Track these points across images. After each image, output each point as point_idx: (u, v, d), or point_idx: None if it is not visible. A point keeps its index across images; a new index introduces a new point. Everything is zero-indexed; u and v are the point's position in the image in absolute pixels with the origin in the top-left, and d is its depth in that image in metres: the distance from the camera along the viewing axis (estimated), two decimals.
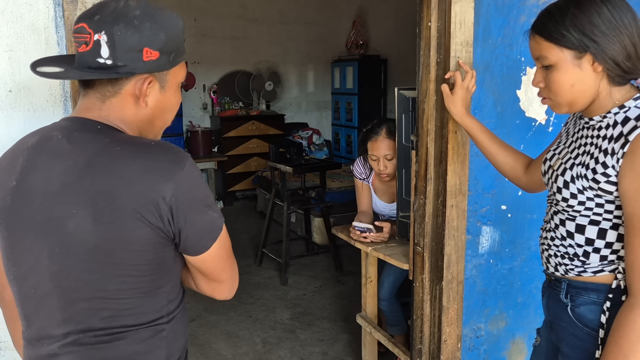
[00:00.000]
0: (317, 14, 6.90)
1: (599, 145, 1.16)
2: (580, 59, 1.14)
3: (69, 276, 0.96)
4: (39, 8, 1.37)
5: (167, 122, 1.10)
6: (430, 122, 1.88)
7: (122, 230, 0.92)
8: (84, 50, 0.95)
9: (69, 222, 0.93)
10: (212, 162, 5.96)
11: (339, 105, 6.91)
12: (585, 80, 1.15)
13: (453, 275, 1.95)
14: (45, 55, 1.39)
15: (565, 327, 1.31)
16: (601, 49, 1.11)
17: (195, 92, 6.35)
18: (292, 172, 4.02)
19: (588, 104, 1.19)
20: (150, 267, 0.97)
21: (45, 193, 0.95)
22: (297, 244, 4.77)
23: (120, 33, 0.93)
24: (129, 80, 0.98)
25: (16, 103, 1.39)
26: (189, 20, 5.98)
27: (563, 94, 1.18)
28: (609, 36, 1.10)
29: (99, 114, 0.99)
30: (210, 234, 1.00)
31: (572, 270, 1.27)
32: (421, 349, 2.07)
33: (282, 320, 3.44)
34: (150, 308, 1.01)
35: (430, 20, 1.83)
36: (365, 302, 2.66)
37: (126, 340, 0.99)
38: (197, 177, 0.97)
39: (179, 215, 0.94)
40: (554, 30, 1.14)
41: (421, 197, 1.96)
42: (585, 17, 1.11)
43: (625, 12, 1.11)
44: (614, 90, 1.16)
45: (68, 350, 1.00)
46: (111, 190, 0.91)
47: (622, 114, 1.14)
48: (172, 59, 1.01)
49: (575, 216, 1.23)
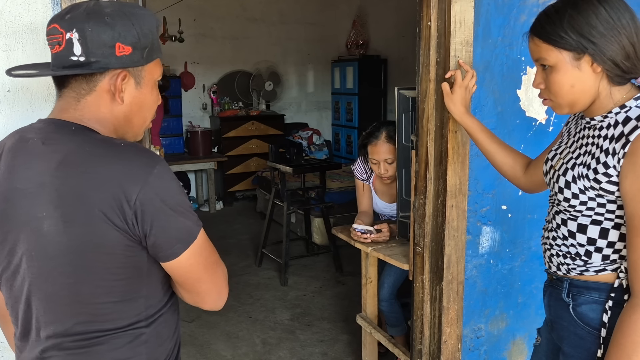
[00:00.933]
0: (317, 14, 6.89)
1: (600, 145, 1.16)
2: (579, 60, 1.14)
3: (46, 280, 0.96)
4: (37, 8, 1.37)
5: (146, 120, 1.09)
6: (430, 122, 1.88)
7: (91, 233, 0.91)
8: (58, 50, 0.96)
9: (43, 224, 0.93)
10: (211, 162, 5.95)
11: (339, 106, 6.91)
12: (585, 81, 1.15)
13: (453, 276, 1.94)
14: (43, 55, 1.39)
15: (566, 326, 1.30)
16: (599, 50, 1.11)
17: (195, 92, 6.35)
18: (292, 172, 4.01)
19: (589, 104, 1.20)
20: (125, 270, 0.96)
21: (24, 194, 0.95)
22: (297, 245, 4.77)
23: (92, 29, 0.93)
24: (103, 77, 0.98)
25: (14, 102, 1.39)
26: (189, 20, 5.97)
27: (563, 94, 1.19)
28: (606, 37, 1.10)
29: (74, 114, 0.99)
30: (180, 241, 0.97)
31: (574, 270, 1.26)
32: (421, 350, 2.07)
33: (282, 320, 3.43)
34: (128, 313, 0.99)
35: (430, 19, 1.83)
36: (365, 302, 2.66)
37: (105, 346, 0.99)
38: (168, 181, 0.94)
39: (144, 220, 0.92)
40: (552, 32, 1.15)
41: (421, 197, 1.96)
42: (583, 19, 1.11)
43: (623, 12, 1.11)
44: (614, 90, 1.16)
45: (49, 355, 1.00)
46: (81, 191, 0.90)
47: (623, 113, 1.14)
48: (145, 55, 1.01)
49: (577, 216, 1.23)
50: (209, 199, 6.12)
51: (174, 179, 0.96)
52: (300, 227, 4.84)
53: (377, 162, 2.53)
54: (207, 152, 6.00)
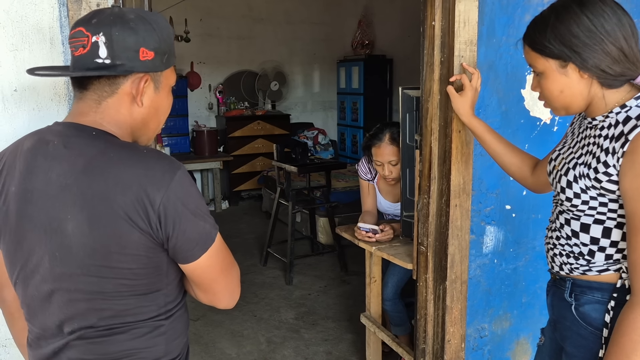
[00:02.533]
0: (322, 13, 6.90)
1: (601, 144, 1.16)
2: (565, 67, 1.16)
3: (69, 278, 0.98)
4: (44, 8, 1.38)
5: (160, 124, 1.13)
6: (434, 122, 1.88)
7: (116, 235, 0.94)
8: (81, 53, 0.98)
9: (67, 225, 0.95)
10: (217, 161, 5.97)
11: (344, 105, 6.91)
12: (573, 87, 1.17)
13: (457, 275, 1.94)
14: (50, 55, 1.40)
15: (569, 326, 1.31)
16: (582, 59, 1.13)
17: (201, 92, 6.37)
18: (297, 171, 4.02)
19: (584, 107, 1.21)
20: (146, 270, 0.99)
21: (45, 195, 0.97)
22: (302, 244, 4.77)
23: (118, 34, 0.97)
24: (126, 80, 1.01)
25: (21, 102, 1.40)
26: (195, 20, 5.99)
27: (554, 99, 1.22)
28: (589, 45, 1.11)
29: (94, 117, 1.01)
30: (199, 244, 1.00)
31: (577, 269, 1.27)
32: (425, 349, 2.07)
33: (287, 319, 3.44)
34: (149, 308, 1.03)
35: (434, 19, 1.83)
36: (369, 302, 2.66)
37: (126, 335, 1.02)
38: (188, 186, 0.98)
39: (167, 223, 0.95)
40: (538, 42, 1.18)
41: (425, 196, 1.96)
42: (565, 28, 1.13)
43: (607, 18, 1.11)
44: (607, 93, 1.17)
45: (71, 345, 1.03)
46: (107, 195, 0.93)
47: (623, 113, 1.14)
48: (165, 60, 1.05)
49: (580, 215, 1.23)
50: (215, 198, 6.14)
51: (193, 184, 1.00)
52: (306, 226, 4.84)
53: (381, 164, 2.53)
54: (213, 152, 6.02)
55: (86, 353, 1.02)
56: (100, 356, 1.02)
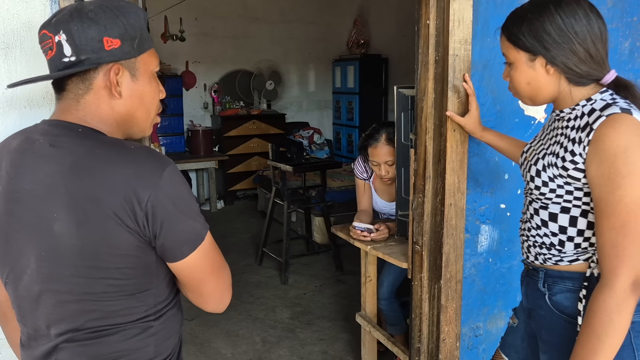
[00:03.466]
0: (318, 13, 6.89)
1: (568, 135, 1.22)
2: (533, 61, 1.23)
3: (58, 279, 0.97)
4: (35, 5, 1.37)
5: (150, 113, 1.08)
6: (428, 121, 1.88)
7: (104, 234, 0.92)
8: (51, 55, 0.97)
9: (55, 225, 0.94)
10: (212, 161, 5.96)
11: (340, 105, 6.91)
12: (539, 80, 1.25)
13: (452, 274, 1.94)
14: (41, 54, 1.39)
15: (544, 315, 1.35)
16: (551, 55, 1.20)
17: (196, 91, 6.35)
18: (293, 171, 4.02)
19: (549, 99, 1.29)
20: (136, 270, 0.98)
21: (33, 195, 0.95)
22: (297, 243, 4.77)
23: (77, 27, 0.94)
24: (97, 73, 0.98)
25: (12, 100, 1.39)
26: (190, 19, 5.98)
27: (521, 90, 1.30)
28: (559, 44, 1.18)
29: (76, 114, 0.99)
30: (188, 243, 0.99)
31: (550, 260, 1.32)
32: (420, 348, 2.07)
33: (282, 319, 3.44)
34: (138, 308, 1.01)
35: (428, 18, 1.82)
36: (365, 301, 2.66)
37: (115, 337, 1.00)
38: (178, 184, 0.96)
39: (155, 222, 0.93)
40: (513, 33, 1.25)
41: (420, 195, 1.96)
42: (539, 24, 1.20)
43: (578, 20, 1.17)
44: (574, 89, 1.24)
45: (61, 347, 1.01)
46: (95, 195, 0.91)
47: (588, 105, 1.21)
48: (136, 46, 1.00)
49: (548, 204, 1.29)
50: (210, 197, 6.13)
51: (183, 182, 0.98)
52: (301, 225, 4.84)
53: (378, 164, 2.53)
54: (208, 151, 6.00)
55: (76, 355, 1.01)
56: (90, 359, 1.01)
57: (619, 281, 1.10)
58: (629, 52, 2.09)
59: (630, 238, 1.10)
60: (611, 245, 1.12)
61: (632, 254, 1.10)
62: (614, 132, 1.12)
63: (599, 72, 1.21)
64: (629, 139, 1.10)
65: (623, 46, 2.08)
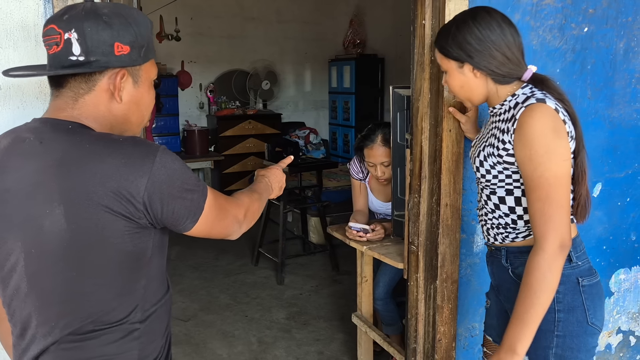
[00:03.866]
0: (314, 12, 6.88)
1: (500, 127, 1.42)
2: (462, 67, 1.43)
3: (45, 277, 0.96)
4: (29, 5, 1.36)
5: (143, 119, 1.11)
6: (424, 121, 1.88)
7: (98, 226, 0.92)
8: (55, 51, 0.96)
9: (44, 222, 0.93)
10: (208, 161, 5.95)
11: (336, 105, 6.90)
12: (470, 83, 1.44)
13: (447, 274, 1.94)
14: (35, 52, 1.38)
15: (509, 287, 1.51)
16: (475, 61, 1.39)
17: (192, 91, 6.34)
18: (289, 171, 4.01)
19: (482, 99, 1.47)
20: (127, 261, 0.98)
21: (21, 193, 0.95)
22: (293, 244, 4.76)
23: (91, 29, 0.94)
24: (103, 76, 0.99)
25: (5, 100, 1.38)
26: (186, 19, 5.96)
27: (457, 93, 1.50)
28: (480, 51, 1.38)
29: (70, 113, 0.99)
30: (189, 217, 1.02)
31: (507, 238, 1.49)
32: (416, 348, 2.06)
33: (278, 319, 3.43)
34: (126, 305, 1.00)
35: (424, 18, 1.82)
36: (361, 301, 2.66)
37: (96, 341, 0.99)
38: (171, 165, 0.97)
39: (154, 207, 0.95)
40: (442, 46, 1.45)
41: (416, 195, 1.96)
42: (461, 36, 1.39)
43: (493, 30, 1.37)
44: (500, 88, 1.43)
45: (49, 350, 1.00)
46: (85, 187, 0.91)
47: (513, 100, 1.40)
48: (143, 54, 1.02)
49: (495, 189, 1.47)
50: None
51: (176, 160, 0.99)
52: (297, 226, 4.83)
53: (374, 165, 2.52)
54: (204, 151, 5.99)
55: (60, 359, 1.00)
56: None
57: (549, 244, 1.28)
58: (623, 52, 2.10)
59: (554, 206, 1.28)
60: (539, 214, 1.30)
61: (557, 219, 1.28)
62: (531, 119, 1.31)
63: (517, 71, 1.40)
64: (543, 124, 1.30)
65: (618, 46, 2.08)
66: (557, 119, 1.31)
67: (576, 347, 1.40)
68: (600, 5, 2.01)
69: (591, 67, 2.04)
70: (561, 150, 1.30)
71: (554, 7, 1.93)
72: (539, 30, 1.92)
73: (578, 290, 1.41)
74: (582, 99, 2.05)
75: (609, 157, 2.15)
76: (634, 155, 2.20)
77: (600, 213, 2.19)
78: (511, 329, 1.33)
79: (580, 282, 1.41)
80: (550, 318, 1.38)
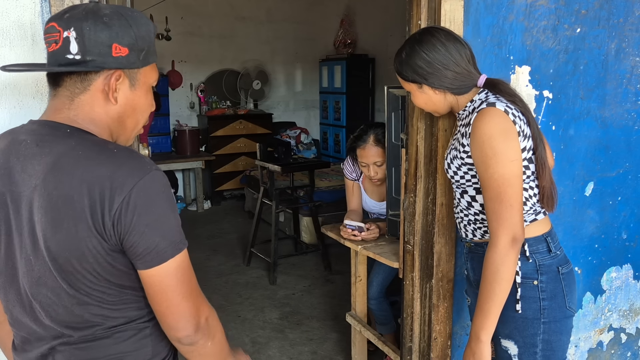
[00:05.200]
0: (305, 12, 6.89)
1: (461, 131, 1.52)
2: (421, 87, 1.54)
3: (46, 283, 0.96)
4: (25, 3, 1.35)
5: (138, 124, 1.08)
6: (420, 120, 1.88)
7: (77, 238, 0.90)
8: (54, 49, 0.96)
9: (37, 228, 0.92)
10: (199, 161, 5.92)
11: (327, 105, 6.91)
12: (432, 99, 1.56)
13: (443, 274, 1.95)
14: (31, 52, 1.37)
15: None
16: (430, 82, 1.51)
17: (183, 90, 6.31)
18: (281, 171, 4.01)
19: (447, 109, 1.58)
20: (118, 273, 0.96)
21: (19, 197, 0.94)
22: (285, 244, 4.76)
23: (89, 29, 0.94)
24: (98, 76, 0.98)
25: (1, 100, 1.37)
26: (176, 18, 5.93)
27: (423, 108, 1.62)
28: (431, 73, 1.49)
29: (67, 114, 0.98)
30: (143, 258, 0.92)
31: (487, 233, 1.55)
32: (411, 347, 2.07)
33: (271, 319, 3.43)
34: (130, 310, 1.00)
35: (420, 18, 1.83)
36: (355, 301, 2.66)
37: (110, 340, 0.99)
38: (153, 193, 0.91)
39: (120, 229, 0.90)
40: (399, 72, 1.57)
41: (411, 195, 1.97)
42: (412, 61, 1.51)
43: (438, 51, 1.47)
44: (460, 98, 1.54)
45: (56, 350, 1.00)
46: (71, 196, 0.89)
47: (471, 106, 1.52)
48: (142, 58, 1.01)
49: (465, 188, 1.56)
50: (197, 198, 6.09)
51: (162, 191, 0.93)
52: (289, 226, 4.83)
53: (367, 165, 2.53)
54: (194, 151, 5.96)
55: (71, 359, 1.00)
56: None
57: (499, 240, 1.38)
58: (615, 53, 2.12)
59: (504, 205, 1.37)
60: (491, 212, 1.40)
61: (507, 217, 1.37)
62: (481, 123, 1.41)
63: (470, 81, 1.51)
64: (492, 127, 1.39)
65: (609, 47, 2.10)
66: (507, 121, 1.40)
67: (559, 331, 1.51)
68: (592, 6, 2.03)
69: (583, 68, 2.06)
70: (509, 152, 1.38)
71: (547, 8, 1.95)
72: (533, 30, 1.94)
73: (559, 279, 1.51)
74: (575, 99, 2.07)
75: (600, 157, 2.18)
76: (625, 155, 2.23)
77: (592, 212, 2.22)
78: (475, 319, 1.46)
79: (560, 271, 1.52)
80: (535, 307, 1.49)
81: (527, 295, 1.50)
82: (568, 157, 2.11)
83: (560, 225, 2.10)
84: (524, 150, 1.44)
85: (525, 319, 1.50)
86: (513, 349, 1.54)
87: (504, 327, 1.54)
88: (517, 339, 1.53)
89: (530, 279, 1.51)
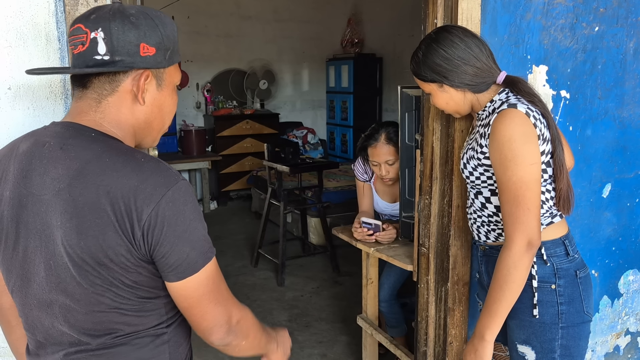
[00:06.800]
0: (311, 11, 6.85)
1: (480, 131, 1.49)
2: (442, 87, 1.51)
3: (65, 288, 0.94)
4: (39, 3, 1.32)
5: (165, 125, 1.08)
6: (436, 121, 1.85)
7: (104, 246, 0.89)
8: (80, 50, 0.94)
9: (58, 233, 0.91)
10: (205, 161, 5.90)
11: (334, 104, 6.88)
12: (453, 98, 1.52)
13: (459, 277, 1.92)
14: (45, 51, 1.35)
15: None
16: (450, 80, 1.48)
17: (189, 90, 6.29)
18: (289, 171, 3.98)
19: (468, 109, 1.55)
20: (143, 281, 0.95)
21: (40, 200, 0.92)
22: (292, 245, 4.73)
23: (117, 28, 0.93)
24: (126, 76, 0.97)
25: (15, 101, 1.35)
26: (182, 17, 5.92)
27: (445, 109, 1.58)
28: (451, 70, 1.46)
29: (93, 117, 0.97)
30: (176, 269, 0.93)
31: (501, 236, 1.54)
32: (426, 352, 2.04)
33: (280, 322, 3.40)
34: (149, 317, 0.99)
35: (436, 17, 1.80)
36: (366, 303, 2.63)
37: (128, 347, 0.98)
38: (181, 205, 0.91)
39: (150, 241, 0.90)
40: (417, 72, 1.54)
41: (426, 197, 1.94)
42: (430, 61, 1.48)
43: (457, 47, 1.45)
44: (480, 96, 1.51)
45: (73, 358, 0.99)
46: (97, 204, 0.88)
47: (491, 106, 1.49)
48: (168, 57, 1.01)
49: (480, 189, 1.54)
50: (203, 198, 6.07)
51: (188, 202, 0.93)
52: (297, 226, 4.80)
53: (378, 164, 2.50)
54: (201, 151, 5.95)
55: None
56: None
57: (515, 244, 1.36)
58: (633, 52, 2.08)
59: (521, 208, 1.35)
60: (508, 215, 1.38)
61: (523, 220, 1.35)
62: (502, 125, 1.38)
63: (491, 77, 1.48)
64: (512, 129, 1.37)
65: (628, 46, 2.07)
66: (527, 124, 1.38)
67: (577, 336, 1.49)
68: (610, 4, 1.99)
69: (602, 67, 2.03)
70: (528, 155, 1.36)
71: (565, 6, 1.92)
72: (550, 29, 1.91)
73: (576, 283, 1.49)
74: (593, 99, 2.04)
75: (618, 158, 2.14)
76: None
77: (609, 214, 2.18)
78: (481, 319, 1.45)
79: (578, 275, 1.50)
80: (553, 311, 1.47)
81: (545, 300, 1.48)
82: (585, 158, 2.08)
83: (577, 228, 2.07)
84: (542, 154, 1.43)
85: (543, 324, 1.48)
86: (530, 354, 1.51)
87: (521, 332, 1.52)
88: (534, 345, 1.50)
89: (548, 283, 1.48)
